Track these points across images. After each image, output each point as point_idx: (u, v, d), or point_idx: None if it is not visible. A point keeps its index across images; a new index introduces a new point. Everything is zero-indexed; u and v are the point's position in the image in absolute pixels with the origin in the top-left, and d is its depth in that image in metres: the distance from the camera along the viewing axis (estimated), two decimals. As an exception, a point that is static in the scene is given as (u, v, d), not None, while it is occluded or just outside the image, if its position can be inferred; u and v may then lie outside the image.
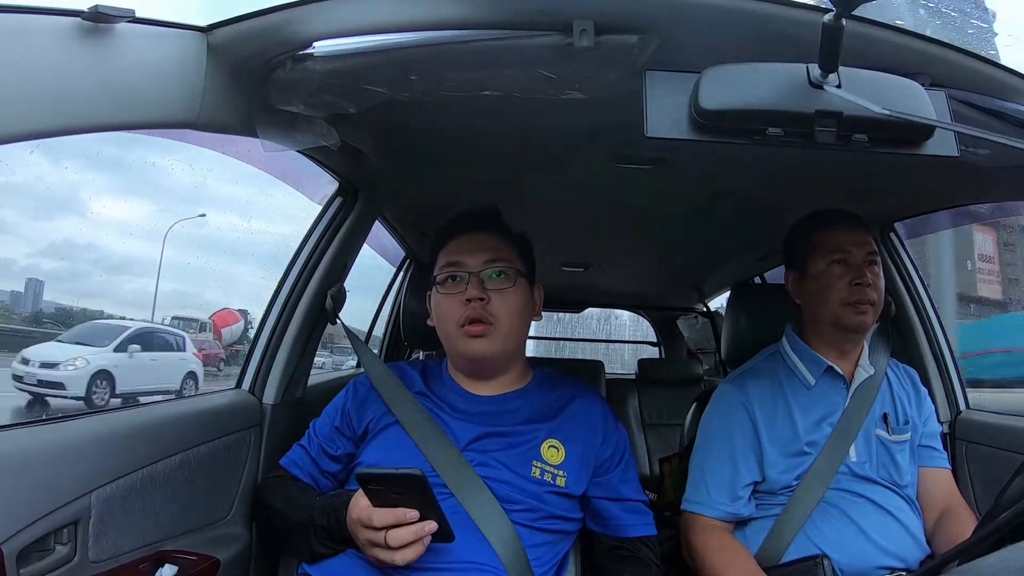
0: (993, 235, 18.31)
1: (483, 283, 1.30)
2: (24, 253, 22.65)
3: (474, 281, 1.30)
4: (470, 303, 1.28)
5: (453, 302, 1.31)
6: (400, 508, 1.05)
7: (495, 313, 1.29)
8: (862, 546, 1.34)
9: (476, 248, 1.33)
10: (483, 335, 1.29)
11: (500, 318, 1.30)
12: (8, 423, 1.06)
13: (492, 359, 1.33)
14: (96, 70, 0.85)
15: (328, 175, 1.65)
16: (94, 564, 1.07)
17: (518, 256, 1.37)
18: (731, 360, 1.86)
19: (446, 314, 1.32)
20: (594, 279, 3.40)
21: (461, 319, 1.29)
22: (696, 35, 0.98)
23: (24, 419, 1.53)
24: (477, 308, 1.28)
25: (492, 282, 1.31)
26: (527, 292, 1.36)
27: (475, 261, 1.32)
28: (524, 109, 1.26)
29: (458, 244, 1.36)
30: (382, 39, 1.04)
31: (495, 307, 1.29)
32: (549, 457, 1.28)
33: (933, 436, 1.52)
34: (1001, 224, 17.98)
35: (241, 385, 1.58)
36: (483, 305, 1.29)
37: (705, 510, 1.44)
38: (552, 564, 1.27)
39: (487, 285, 1.31)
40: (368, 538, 1.08)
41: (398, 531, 1.05)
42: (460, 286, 1.31)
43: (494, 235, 1.37)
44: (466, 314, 1.28)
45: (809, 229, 1.54)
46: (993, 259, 18.70)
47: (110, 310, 23.86)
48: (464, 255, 1.33)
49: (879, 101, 0.82)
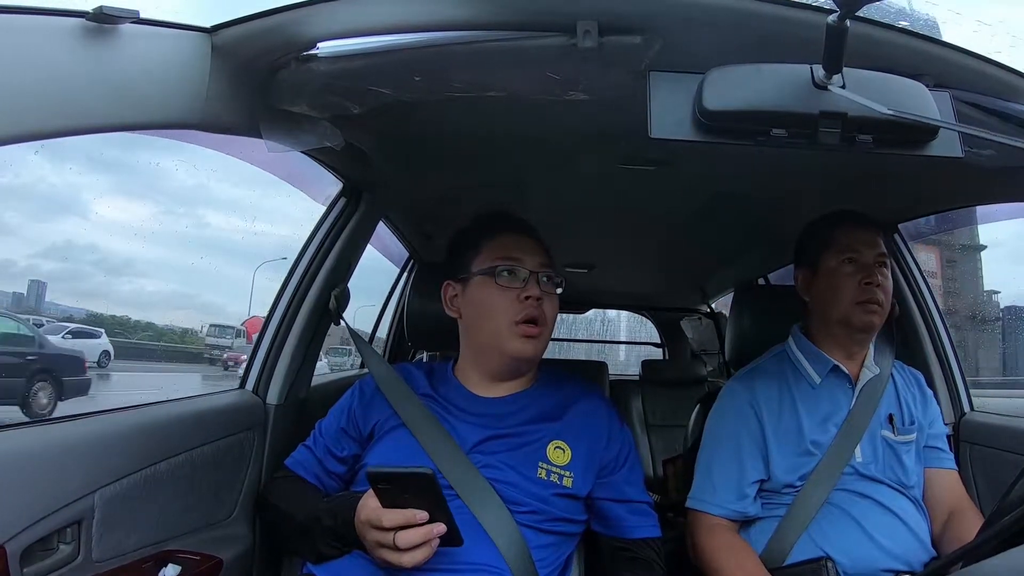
0: (936, 252, 18.68)
1: (540, 284, 1.32)
2: (25, 254, 22.79)
3: (533, 280, 1.31)
4: (528, 300, 1.29)
5: (508, 297, 1.30)
6: (409, 509, 1.05)
7: (549, 316, 1.32)
8: (867, 548, 1.33)
9: (532, 249, 1.35)
10: (536, 336, 1.30)
11: (549, 322, 1.32)
12: (11, 423, 1.06)
13: (534, 361, 1.35)
14: (100, 71, 0.85)
15: (332, 176, 1.65)
16: (97, 564, 1.07)
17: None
18: (735, 361, 1.85)
19: (499, 308, 1.31)
20: (598, 280, 3.40)
21: (519, 316, 1.28)
22: (700, 36, 0.98)
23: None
24: (536, 308, 1.29)
25: (544, 285, 1.33)
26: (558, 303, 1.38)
27: (533, 261, 1.33)
28: (528, 110, 1.26)
29: (514, 241, 1.35)
30: (386, 40, 1.04)
31: (547, 310, 1.31)
32: (555, 458, 1.28)
33: (939, 438, 1.52)
34: (943, 243, 18.41)
35: (245, 385, 1.59)
36: (540, 306, 1.30)
37: (711, 508, 1.44)
38: (556, 565, 1.27)
39: (545, 287, 1.33)
40: (377, 539, 1.08)
41: (407, 533, 1.05)
42: (518, 282, 1.31)
43: (540, 243, 1.38)
44: (526, 312, 1.28)
45: (823, 227, 1.54)
46: (936, 275, 19.11)
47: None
48: (523, 253, 1.33)
49: (883, 102, 0.82)
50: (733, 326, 1.89)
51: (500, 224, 1.39)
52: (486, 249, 1.35)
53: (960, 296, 20.58)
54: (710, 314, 3.89)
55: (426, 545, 1.05)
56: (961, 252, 20.44)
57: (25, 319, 12.41)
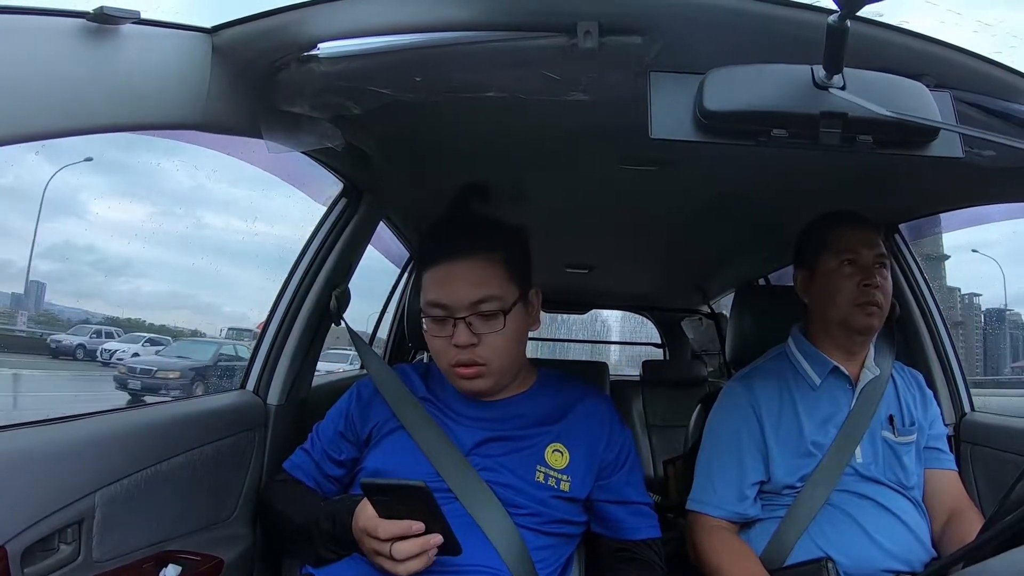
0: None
1: (471, 326, 1.21)
2: (22, 255, 22.85)
3: (461, 326, 1.21)
4: (459, 348, 1.22)
5: (443, 343, 1.24)
6: (405, 520, 1.05)
7: (487, 355, 1.23)
8: (867, 549, 1.33)
9: (460, 284, 1.21)
10: (478, 376, 1.24)
11: (492, 359, 1.23)
12: (10, 423, 1.06)
13: (488, 393, 1.30)
14: (101, 71, 0.85)
15: (333, 176, 1.65)
16: (98, 564, 1.07)
17: (509, 278, 1.25)
18: (735, 362, 1.85)
19: (437, 352, 1.27)
20: (598, 281, 3.40)
21: (453, 361, 1.24)
22: (700, 36, 0.98)
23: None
24: (467, 353, 1.22)
25: (482, 323, 1.22)
26: (521, 316, 1.28)
27: (460, 303, 1.21)
28: (528, 111, 1.26)
29: (442, 277, 1.24)
30: (387, 40, 1.04)
31: (486, 349, 1.22)
32: (553, 461, 1.27)
33: (939, 438, 1.51)
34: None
35: (245, 385, 1.59)
36: (473, 349, 1.22)
37: (711, 510, 1.44)
38: (556, 567, 1.27)
39: (476, 328, 1.22)
40: (373, 548, 1.08)
41: (403, 544, 1.05)
42: (447, 330, 1.23)
43: (480, 259, 1.23)
44: (457, 358, 1.23)
45: (822, 228, 1.53)
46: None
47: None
48: (448, 294, 1.22)
49: (884, 102, 0.82)
50: (734, 326, 1.89)
51: (428, 255, 1.29)
52: (423, 285, 1.27)
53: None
54: (711, 314, 3.89)
55: (423, 555, 1.05)
56: (925, 262, 20.64)
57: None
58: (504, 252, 1.26)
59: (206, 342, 13.83)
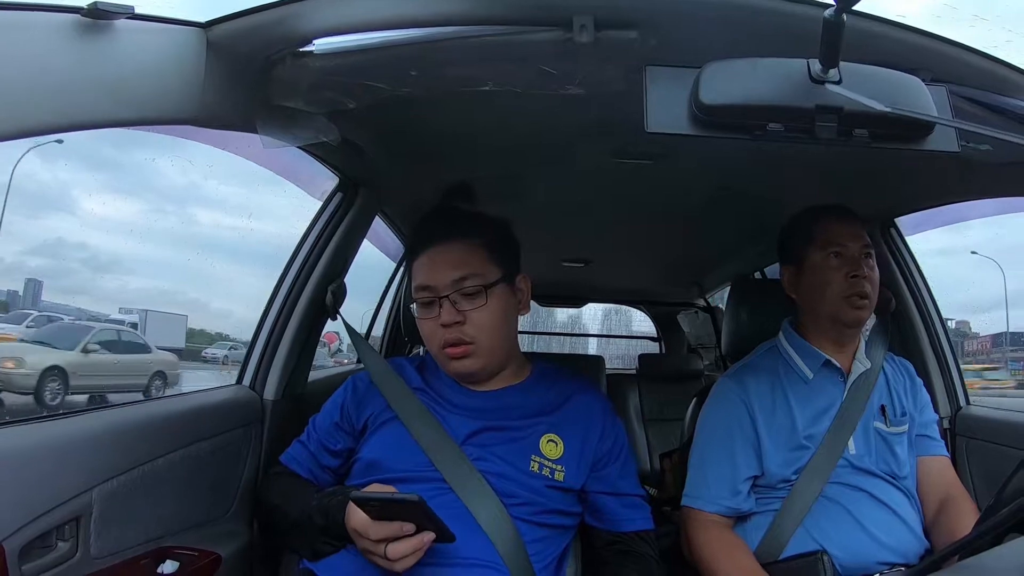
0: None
1: (456, 304, 1.27)
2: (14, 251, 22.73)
3: (446, 305, 1.26)
4: (446, 327, 1.27)
5: (431, 326, 1.29)
6: (396, 522, 1.05)
7: (472, 333, 1.27)
8: (861, 541, 1.34)
9: (443, 266, 1.28)
10: (465, 355, 1.28)
11: (478, 336, 1.28)
12: (9, 420, 1.06)
13: (479, 374, 1.32)
14: (95, 66, 0.84)
15: (328, 171, 1.65)
16: (96, 560, 1.07)
17: (490, 259, 1.31)
18: (731, 355, 1.85)
19: (428, 337, 1.31)
20: (594, 274, 3.40)
21: (441, 342, 1.28)
22: (696, 30, 0.98)
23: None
24: (454, 331, 1.26)
25: (465, 301, 1.27)
26: (506, 296, 1.32)
27: (443, 282, 1.27)
28: (524, 105, 1.26)
29: (426, 262, 1.31)
30: (382, 35, 1.04)
31: (472, 327, 1.27)
32: (548, 452, 1.28)
33: (929, 425, 1.52)
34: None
35: (242, 381, 1.59)
36: (459, 327, 1.27)
37: (705, 505, 1.44)
38: (552, 559, 1.27)
39: (460, 306, 1.27)
40: (366, 547, 1.09)
41: (397, 545, 1.05)
42: (434, 311, 1.28)
43: (461, 242, 1.30)
44: (444, 338, 1.27)
45: (806, 222, 1.53)
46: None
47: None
48: (432, 276, 1.28)
49: (880, 97, 0.82)
50: (729, 320, 1.89)
51: (417, 244, 1.36)
52: (413, 275, 1.34)
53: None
54: (707, 308, 3.89)
55: (418, 551, 1.06)
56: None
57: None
58: (484, 238, 1.32)
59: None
